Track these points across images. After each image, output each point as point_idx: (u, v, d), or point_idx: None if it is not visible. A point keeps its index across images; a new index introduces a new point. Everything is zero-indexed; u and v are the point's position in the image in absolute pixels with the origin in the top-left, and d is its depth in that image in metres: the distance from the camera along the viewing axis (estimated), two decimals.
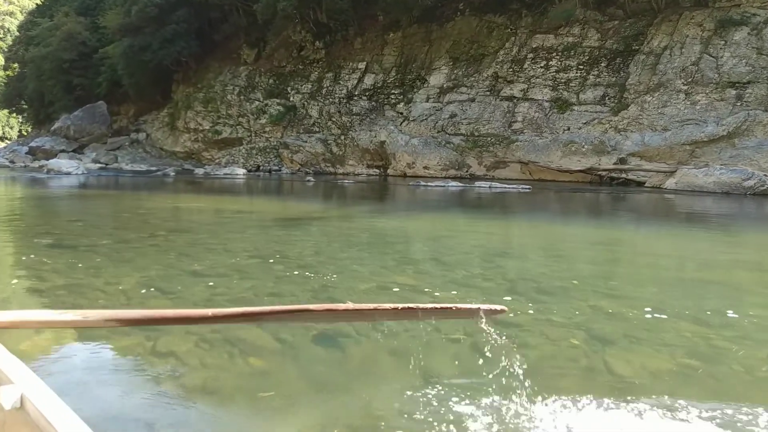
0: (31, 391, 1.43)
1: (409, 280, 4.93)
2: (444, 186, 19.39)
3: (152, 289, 4.30)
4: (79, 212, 9.82)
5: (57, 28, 49.32)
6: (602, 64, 24.42)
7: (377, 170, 29.36)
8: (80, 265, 5.18)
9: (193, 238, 7.09)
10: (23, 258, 5.77)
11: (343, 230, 8.32)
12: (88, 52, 48.76)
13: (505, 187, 18.46)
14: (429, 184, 20.18)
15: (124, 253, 5.96)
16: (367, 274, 5.16)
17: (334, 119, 32.22)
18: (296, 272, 5.06)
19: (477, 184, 19.91)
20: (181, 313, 1.82)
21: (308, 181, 23.34)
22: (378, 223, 9.29)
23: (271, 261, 5.70)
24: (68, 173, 26.42)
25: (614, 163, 21.90)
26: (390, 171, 28.52)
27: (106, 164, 37.04)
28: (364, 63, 33.10)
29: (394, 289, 4.56)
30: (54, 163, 27.53)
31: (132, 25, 38.65)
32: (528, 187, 18.29)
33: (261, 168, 32.38)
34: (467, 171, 25.76)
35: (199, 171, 29.61)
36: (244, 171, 29.42)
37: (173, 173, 27.82)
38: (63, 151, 41.55)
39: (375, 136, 29.24)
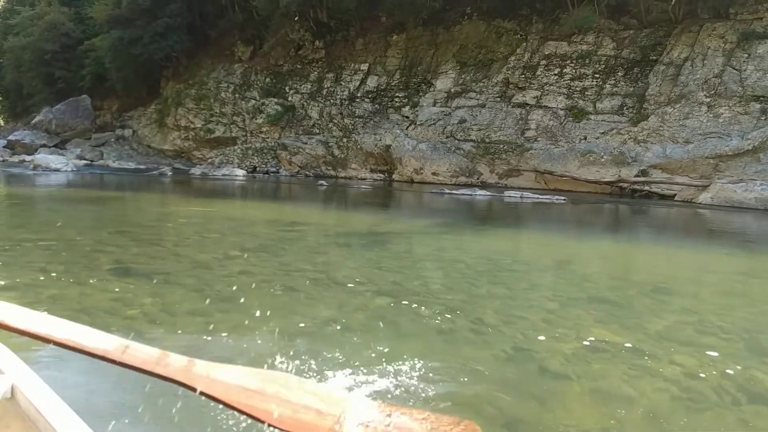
0: (22, 381, 1.42)
1: (613, 335, 3.84)
2: (471, 195, 18.37)
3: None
4: (107, 221, 8.48)
5: (39, 17, 46.96)
6: (619, 74, 23.74)
7: (381, 175, 28.24)
8: (185, 305, 3.98)
9: (280, 262, 5.89)
10: (102, 286, 4.53)
11: (435, 251, 7.20)
12: (71, 44, 46.53)
13: (539, 198, 17.53)
14: (454, 192, 19.13)
15: (221, 287, 4.75)
16: (555, 325, 4.06)
17: (335, 121, 30.99)
18: (457, 322, 3.93)
19: (507, 193, 18.93)
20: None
21: (320, 185, 22.08)
22: (467, 241, 8.18)
23: (405, 302, 4.54)
24: (56, 170, 24.68)
25: (636, 175, 21.18)
26: (395, 176, 27.42)
27: (92, 161, 35.12)
28: (367, 64, 31.96)
29: (621, 352, 3.49)
30: (41, 158, 25.71)
31: (122, 17, 36.79)
32: (563, 198, 17.38)
33: (258, 169, 30.97)
34: (478, 178, 24.82)
35: (195, 171, 28.07)
36: (243, 172, 27.99)
37: (170, 173, 26.24)
38: (44, 145, 39.38)
39: (380, 140, 28.12)
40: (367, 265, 5.96)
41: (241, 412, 1.09)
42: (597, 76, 24.16)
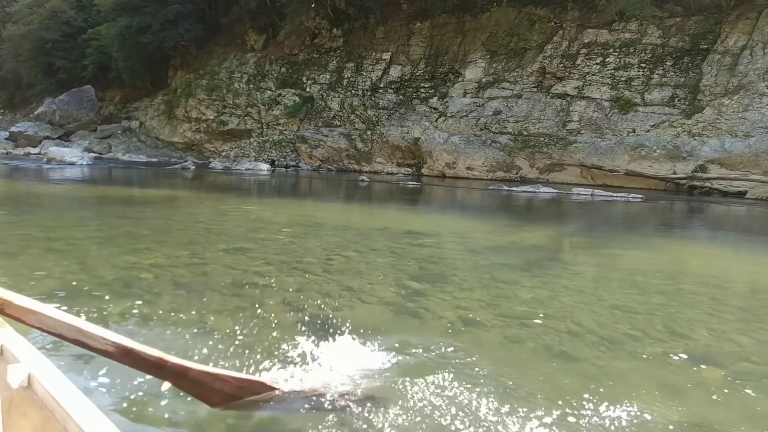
0: (38, 370, 1.42)
1: None
2: (534, 192, 16.74)
3: None
4: (196, 232, 6.76)
5: (39, 5, 44.58)
6: (668, 63, 22.14)
7: (409, 169, 26.55)
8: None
9: (482, 297, 4.25)
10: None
11: (632, 275, 5.61)
12: (72, 33, 44.25)
13: (613, 196, 15.93)
14: (513, 188, 17.48)
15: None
16: None
17: (357, 113, 29.20)
18: None
19: (574, 191, 17.30)
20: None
21: (362, 180, 20.34)
22: (641, 258, 6.58)
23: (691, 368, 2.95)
24: (71, 163, 22.76)
25: (693, 171, 19.65)
26: (425, 170, 25.76)
27: (100, 153, 33.17)
28: (389, 54, 30.16)
29: None
30: (55, 151, 23.74)
31: (129, 3, 34.64)
32: (640, 196, 15.79)
33: (276, 163, 29.16)
34: (517, 173, 23.22)
35: (216, 165, 26.23)
36: (267, 166, 26.20)
37: (192, 167, 24.39)
38: (47, 137, 37.29)
39: (407, 133, 26.41)
40: (550, 296, 4.33)
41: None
42: (643, 65, 22.55)
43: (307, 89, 31.46)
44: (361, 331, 3.27)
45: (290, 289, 4.36)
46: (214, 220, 7.96)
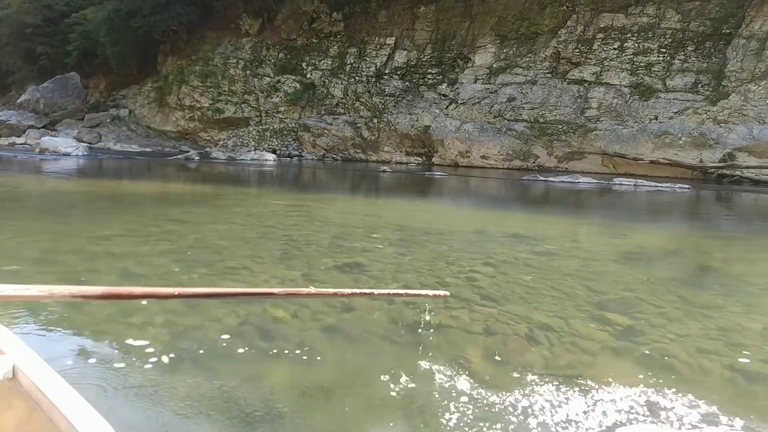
0: (23, 361, 1.40)
1: None
2: (573, 182, 15.82)
3: None
4: (293, 245, 5.64)
5: None
6: (689, 48, 21.36)
7: (419, 158, 25.52)
8: None
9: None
10: None
11: None
12: (54, 17, 42.03)
13: (658, 186, 15.08)
14: (550, 179, 16.52)
15: None
16: None
17: (362, 100, 28.01)
18: None
19: (616, 181, 16.40)
20: (148, 291, 1.70)
21: (383, 171, 19.23)
22: None
23: None
24: (66, 154, 21.25)
25: (721, 159, 18.95)
26: (436, 159, 24.73)
27: (90, 143, 31.42)
28: (393, 38, 28.96)
29: None
30: (48, 141, 22.13)
31: None
32: (687, 186, 14.96)
33: (278, 152, 27.85)
34: (534, 162, 22.34)
35: (218, 155, 24.87)
36: (274, 156, 24.92)
37: (197, 157, 23.01)
38: (32, 126, 35.43)
39: (417, 120, 25.32)
40: None
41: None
42: (664, 50, 21.75)
43: (308, 75, 30.13)
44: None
45: (477, 329, 3.34)
46: (282, 224, 6.86)
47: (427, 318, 3.57)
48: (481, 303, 3.94)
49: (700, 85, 20.61)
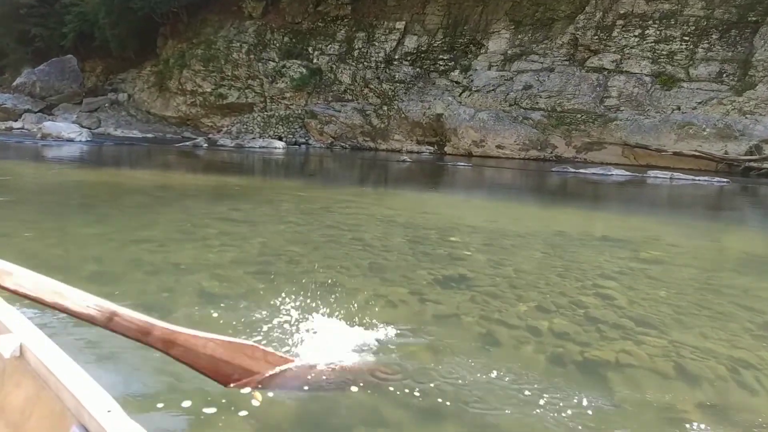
0: (30, 340, 1.40)
1: None
2: (604, 175, 15.19)
3: None
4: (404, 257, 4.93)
5: None
6: (713, 36, 20.69)
7: (431, 147, 24.79)
8: None
9: None
10: None
11: None
12: None
13: (695, 180, 14.47)
14: (581, 171, 15.86)
15: None
16: None
17: (371, 86, 27.18)
18: None
19: (650, 173, 15.76)
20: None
21: (403, 161, 18.50)
22: None
23: None
24: (70, 140, 20.32)
25: (747, 152, 18.40)
26: (449, 149, 24.02)
27: (90, 128, 30.40)
28: (403, 23, 28.08)
29: None
30: (50, 126, 21.15)
31: None
32: (725, 179, 14.37)
33: (284, 140, 26.99)
34: (552, 152, 21.69)
35: (225, 141, 24.00)
36: (283, 144, 24.10)
37: (205, 144, 22.13)
38: (28, 111, 34.31)
39: (428, 108, 24.56)
40: None
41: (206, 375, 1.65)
42: (687, 39, 21.07)
43: (315, 60, 29.22)
44: None
45: (666, 370, 2.70)
46: (343, 223, 6.13)
47: (596, 353, 2.92)
48: (640, 331, 3.28)
49: (725, 75, 19.98)
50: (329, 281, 3.98)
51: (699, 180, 14.21)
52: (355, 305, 3.43)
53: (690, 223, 7.81)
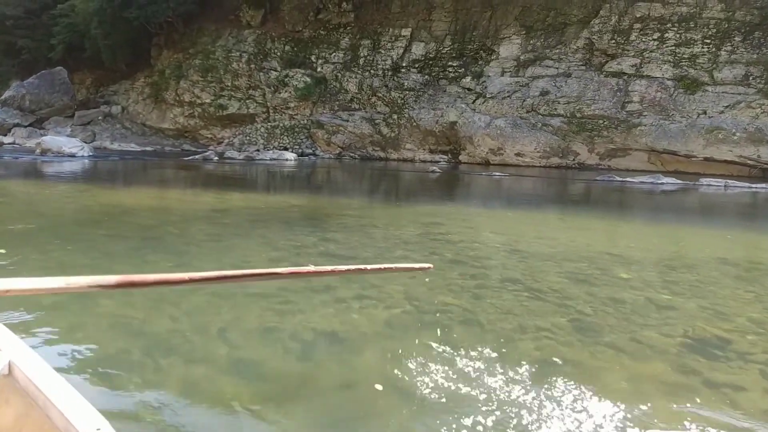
0: (19, 357, 1.37)
1: None
2: (654, 183, 14.20)
3: None
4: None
5: None
6: (736, 39, 19.95)
7: (444, 156, 23.72)
8: None
9: None
10: None
11: None
12: (35, 9, 38.97)
13: (752, 187, 13.55)
14: (628, 179, 14.85)
15: None
16: None
17: (379, 95, 26.03)
18: None
19: (703, 181, 14.80)
20: (160, 277, 1.62)
21: (433, 171, 17.34)
22: None
23: None
24: (71, 155, 18.83)
25: None
26: (464, 157, 22.97)
27: (85, 142, 28.80)
28: (409, 30, 27.00)
29: None
30: (50, 141, 19.56)
31: None
32: None
33: (290, 150, 25.69)
34: (574, 159, 20.75)
35: (233, 154, 22.63)
36: (294, 156, 22.83)
37: (215, 157, 20.72)
38: (17, 125, 32.53)
39: (441, 116, 23.50)
40: None
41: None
42: (708, 41, 20.31)
43: (319, 69, 28.00)
44: None
45: None
46: (470, 257, 4.97)
47: None
48: None
49: (751, 78, 19.22)
50: (544, 354, 2.82)
51: (756, 187, 13.29)
52: (617, 396, 2.28)
53: None
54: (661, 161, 19.33)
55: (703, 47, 20.21)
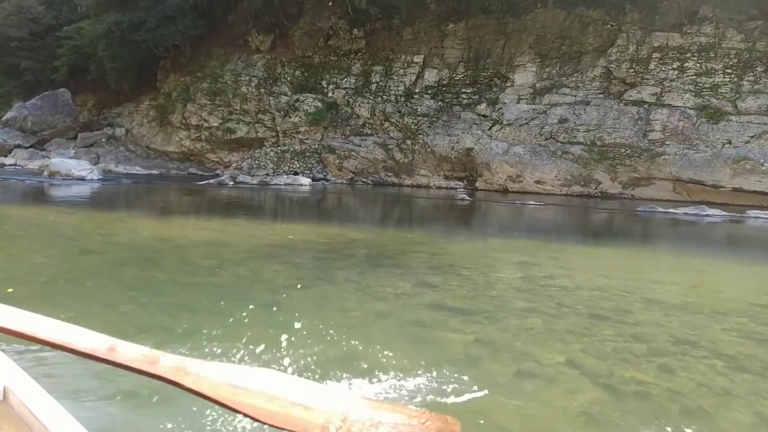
0: (14, 383, 1.32)
1: None
2: (698, 215, 13.49)
3: None
4: None
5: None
6: (758, 69, 19.54)
7: (460, 182, 22.97)
8: None
9: None
10: None
11: None
12: (40, 31, 38.27)
13: None
14: (671, 210, 14.11)
15: None
16: None
17: (392, 120, 25.36)
18: None
19: (750, 213, 14.10)
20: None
21: (462, 199, 16.54)
22: None
23: None
24: (81, 178, 17.85)
25: None
26: (481, 184, 22.23)
27: (92, 165, 27.82)
28: (421, 56, 26.50)
29: None
30: (59, 164, 18.53)
31: None
32: None
33: (300, 174, 24.85)
34: (596, 188, 20.07)
35: (244, 178, 21.74)
36: (309, 180, 21.97)
37: (231, 182, 19.79)
38: (19, 146, 31.50)
39: (457, 142, 22.83)
40: None
41: (230, 409, 1.01)
42: (729, 71, 19.89)
43: (330, 94, 27.35)
44: None
45: None
46: (608, 309, 4.10)
47: None
48: None
49: None
50: None
51: None
52: None
53: None
54: (687, 191, 18.71)
55: (724, 77, 19.77)
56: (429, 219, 11.97)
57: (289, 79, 28.73)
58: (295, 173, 24.95)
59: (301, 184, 20.54)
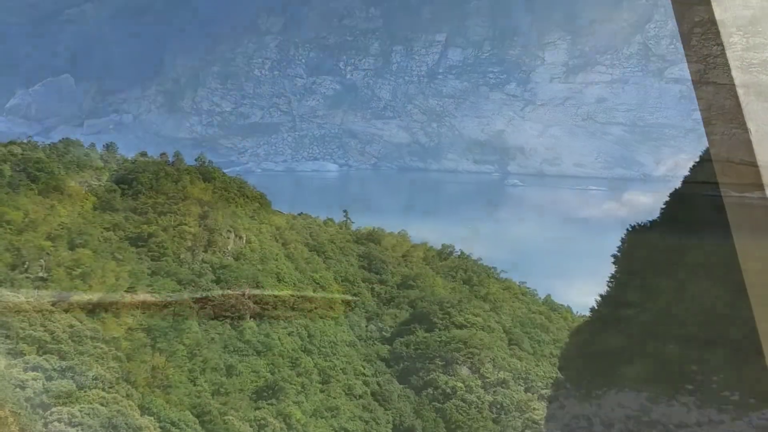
0: None
1: None
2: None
3: None
4: None
5: None
6: None
7: (491, 167, 21.59)
8: None
9: None
10: None
11: None
12: (39, 17, 36.64)
13: None
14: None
15: None
16: None
17: (416, 102, 24.03)
18: None
19: None
20: None
21: (514, 185, 15.20)
22: None
23: None
24: None
25: None
26: (513, 168, 20.94)
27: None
28: (443, 35, 25.16)
29: None
30: None
31: None
32: None
33: (323, 161, 23.37)
34: (640, 170, 18.76)
35: (268, 165, 20.24)
36: (337, 167, 20.58)
37: (259, 170, 18.34)
38: (24, 134, 29.93)
39: (487, 124, 21.48)
40: None
41: None
42: None
43: (348, 76, 25.77)
44: None
45: None
46: None
47: None
48: None
49: None
50: None
51: None
52: None
53: None
54: (737, 173, 17.43)
55: None
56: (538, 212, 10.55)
57: (303, 60, 27.35)
58: (315, 159, 23.52)
59: (329, 171, 19.10)
